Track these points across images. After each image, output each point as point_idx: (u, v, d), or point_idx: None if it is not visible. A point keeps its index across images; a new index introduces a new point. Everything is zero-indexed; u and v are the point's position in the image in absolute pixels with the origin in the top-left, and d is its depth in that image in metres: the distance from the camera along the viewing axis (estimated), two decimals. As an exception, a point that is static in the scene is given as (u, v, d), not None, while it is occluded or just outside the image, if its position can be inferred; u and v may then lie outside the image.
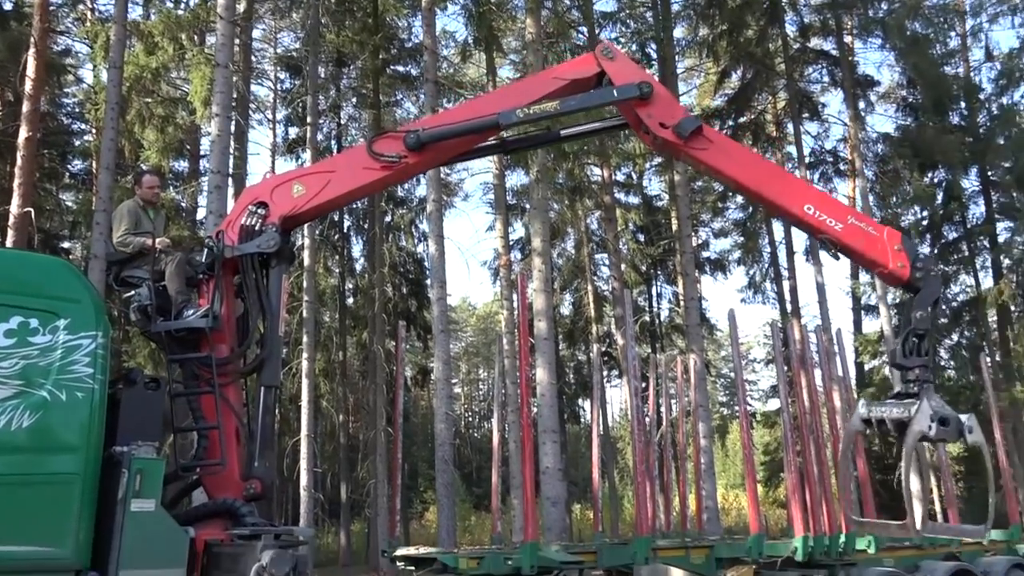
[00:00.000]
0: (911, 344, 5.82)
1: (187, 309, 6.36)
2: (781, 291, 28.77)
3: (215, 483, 6.19)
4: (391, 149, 6.80)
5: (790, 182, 6.77)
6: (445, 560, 7.41)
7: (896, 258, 6.26)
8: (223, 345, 6.49)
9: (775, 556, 8.83)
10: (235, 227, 6.68)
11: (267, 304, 6.57)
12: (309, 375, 18.69)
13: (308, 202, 6.79)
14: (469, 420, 57.52)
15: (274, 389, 6.59)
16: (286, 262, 6.91)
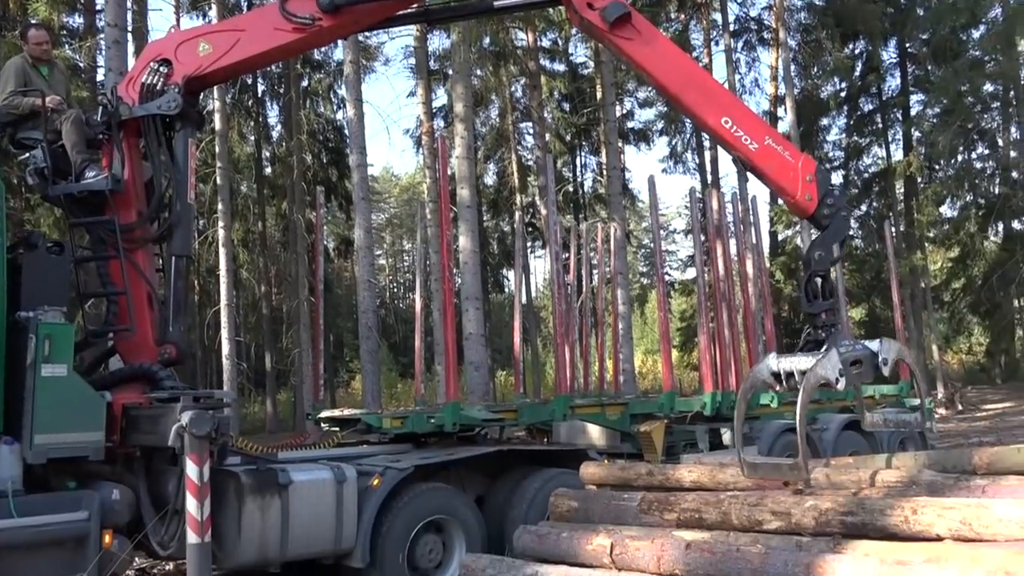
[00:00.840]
0: (814, 287, 5.66)
1: (88, 171, 6.05)
2: (702, 162, 29.16)
3: (129, 348, 6.10)
4: (304, 10, 6.41)
5: (713, 91, 6.41)
6: (369, 420, 7.54)
7: (805, 189, 5.96)
8: (130, 210, 6.24)
9: (686, 411, 9.30)
10: (135, 85, 6.29)
11: (173, 169, 6.30)
12: (226, 244, 18.27)
13: (215, 63, 6.42)
14: (394, 291, 57.73)
15: (185, 258, 6.42)
16: (192, 125, 6.59)
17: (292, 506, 5.69)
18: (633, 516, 5.37)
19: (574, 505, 5.78)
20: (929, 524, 3.95)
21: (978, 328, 33.39)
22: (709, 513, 4.96)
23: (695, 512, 5.03)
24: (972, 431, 18.11)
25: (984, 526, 3.77)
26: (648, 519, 5.26)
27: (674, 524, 5.13)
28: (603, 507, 5.61)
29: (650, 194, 9.68)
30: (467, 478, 7.13)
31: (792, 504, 4.56)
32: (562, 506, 5.87)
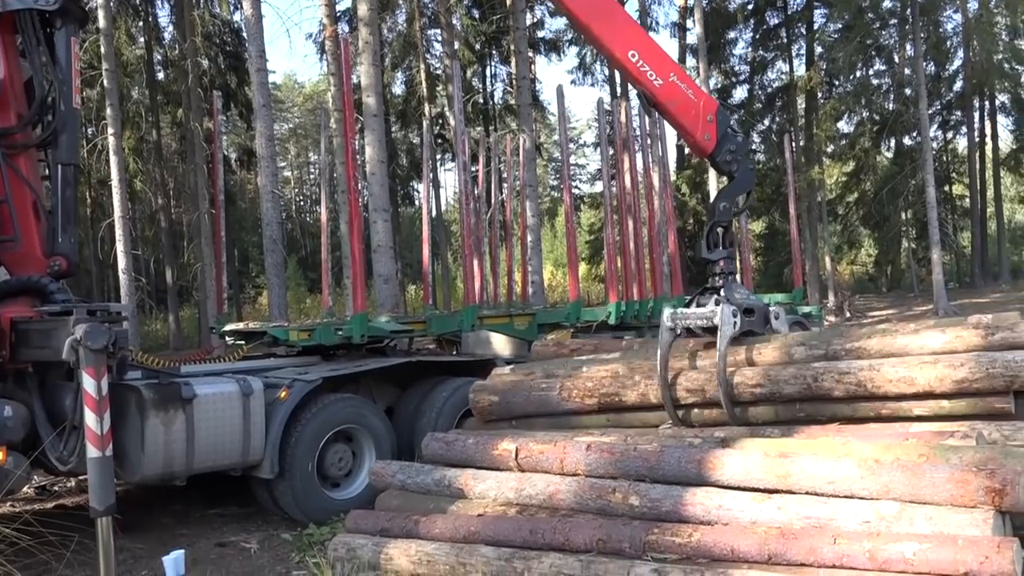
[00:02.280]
0: (715, 236, 5.83)
1: None
2: (611, 74, 29.09)
3: (15, 260, 5.80)
4: None
5: (621, 23, 6.25)
6: (275, 333, 7.47)
7: (705, 128, 6.02)
8: (8, 112, 5.83)
9: (591, 321, 9.55)
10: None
11: (55, 69, 5.88)
12: (117, 152, 17.30)
13: None
14: (301, 204, 56.29)
15: (72, 166, 6.06)
16: (75, 22, 6.14)
17: (197, 419, 5.64)
18: (555, 404, 5.48)
19: (494, 399, 5.87)
20: (830, 389, 4.44)
21: (868, 240, 35.11)
22: (628, 395, 5.18)
23: (615, 395, 5.23)
24: (857, 336, 19.24)
25: (876, 386, 4.24)
26: (570, 405, 5.39)
27: (596, 407, 5.31)
28: (523, 399, 5.72)
29: (558, 105, 9.65)
30: (376, 389, 7.20)
31: (704, 381, 4.90)
32: (482, 401, 5.95)
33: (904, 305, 26.58)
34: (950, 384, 4.06)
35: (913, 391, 4.16)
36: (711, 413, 5.00)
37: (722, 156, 6.07)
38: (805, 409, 4.63)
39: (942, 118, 32.67)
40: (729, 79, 31.42)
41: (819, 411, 4.57)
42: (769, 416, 4.77)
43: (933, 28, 27.25)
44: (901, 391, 4.20)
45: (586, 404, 5.39)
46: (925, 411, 4.21)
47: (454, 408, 7.12)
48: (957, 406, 4.09)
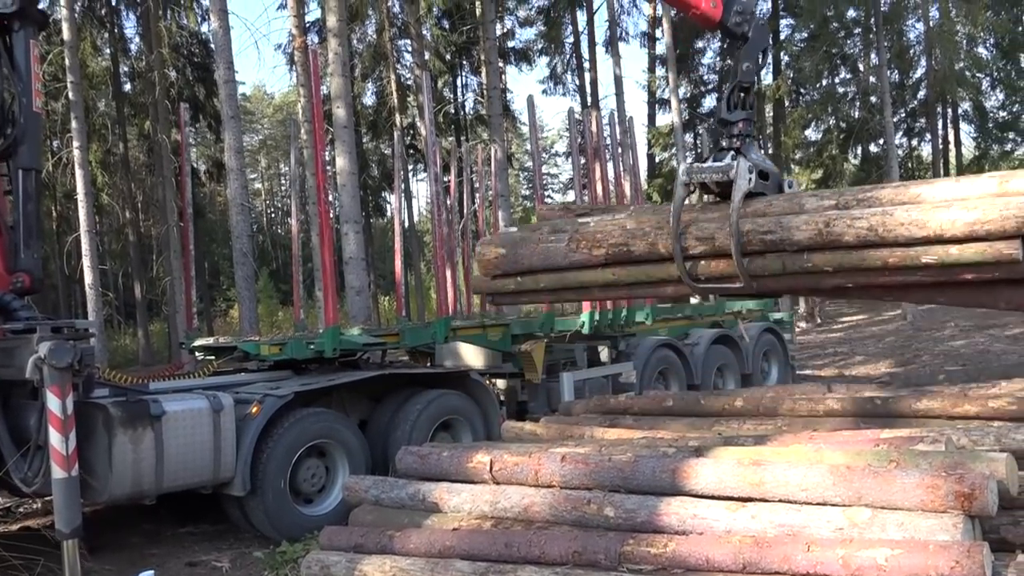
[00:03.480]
0: (736, 98, 5.54)
1: None
2: (582, 83, 29.26)
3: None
4: None
5: None
6: (246, 348, 7.38)
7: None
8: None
9: (565, 331, 9.57)
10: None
11: (14, 74, 5.77)
12: (83, 165, 17.05)
13: None
14: (273, 216, 55.91)
15: (34, 172, 5.94)
16: (34, 25, 6.02)
17: (166, 437, 5.55)
18: (562, 257, 5.25)
19: (501, 252, 5.53)
20: (840, 234, 4.22)
21: (837, 246, 35.50)
22: (636, 246, 4.95)
23: (623, 246, 4.99)
24: (829, 342, 19.47)
25: (888, 230, 4.06)
26: (577, 257, 5.15)
27: (603, 260, 5.06)
28: (530, 251, 5.42)
29: (529, 114, 9.68)
30: (349, 402, 7.14)
31: (715, 229, 4.67)
32: (489, 254, 5.58)
33: (873, 311, 26.92)
34: (961, 227, 3.81)
35: (924, 234, 3.91)
36: (718, 265, 4.73)
37: (732, 19, 5.66)
38: (813, 259, 4.33)
39: (907, 125, 33.24)
40: (698, 88, 31.73)
41: (828, 261, 4.29)
42: (776, 268, 4.48)
43: (896, 37, 27.74)
44: (912, 234, 3.94)
45: (593, 256, 5.13)
46: (932, 259, 3.93)
47: (428, 421, 7.09)
48: (965, 252, 3.83)
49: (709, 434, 5.35)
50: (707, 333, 10.83)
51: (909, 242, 4.01)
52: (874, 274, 4.24)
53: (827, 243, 4.24)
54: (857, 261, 4.22)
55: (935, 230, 3.90)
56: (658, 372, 9.92)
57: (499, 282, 5.72)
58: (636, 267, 5.12)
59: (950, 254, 3.92)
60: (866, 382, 10.98)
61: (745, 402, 5.92)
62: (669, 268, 4.92)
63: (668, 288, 5.23)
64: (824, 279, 4.39)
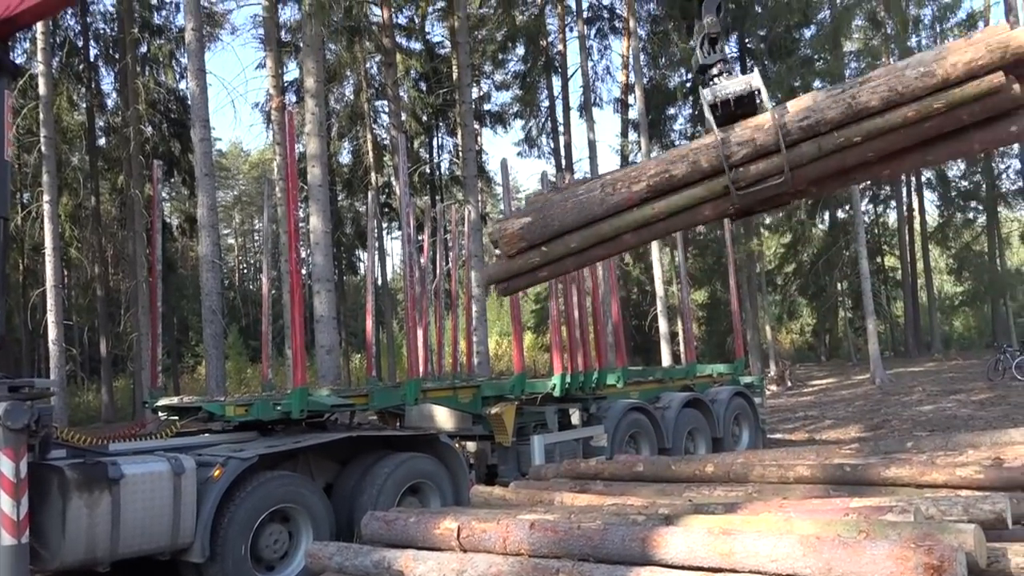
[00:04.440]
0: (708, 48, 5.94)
1: None
2: (557, 146, 29.75)
3: None
4: None
5: None
6: (211, 408, 7.23)
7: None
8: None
9: (536, 393, 9.50)
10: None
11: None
12: (52, 219, 16.92)
13: (20, 4, 5.89)
14: (245, 272, 55.59)
15: (3, 221, 5.85)
16: (8, 75, 6.02)
17: (124, 501, 5.38)
18: (599, 203, 5.15)
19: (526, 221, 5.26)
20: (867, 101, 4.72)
21: (806, 309, 36.00)
22: (677, 169, 5.02)
23: (664, 173, 5.03)
24: (799, 406, 19.54)
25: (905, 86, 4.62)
26: (615, 199, 5.10)
27: (644, 194, 5.05)
28: (561, 209, 5.21)
29: (503, 177, 9.77)
30: (315, 465, 6.99)
31: (753, 131, 4.96)
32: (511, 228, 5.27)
33: (843, 374, 27.16)
34: (961, 68, 4.40)
35: (934, 83, 4.47)
36: (758, 166, 4.99)
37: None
38: (845, 133, 4.78)
39: (872, 192, 34.10)
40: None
41: (857, 132, 4.79)
42: (813, 152, 4.89)
43: (861, 108, 28.64)
44: (926, 85, 4.51)
45: (633, 192, 5.12)
46: (943, 103, 4.49)
47: (396, 484, 6.95)
48: (967, 91, 4.44)
49: (680, 501, 5.29)
50: (678, 396, 10.81)
51: (924, 93, 4.62)
52: (894, 136, 4.77)
53: (856, 114, 4.74)
54: (882, 124, 4.73)
55: (942, 77, 4.53)
56: (629, 435, 9.85)
57: (520, 260, 5.47)
58: (676, 194, 5.18)
59: (955, 95, 4.52)
60: (835, 445, 10.98)
61: (716, 468, 5.88)
62: (711, 185, 5.07)
63: (706, 210, 5.31)
64: (851, 153, 4.88)
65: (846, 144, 4.87)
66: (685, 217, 5.44)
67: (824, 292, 31.49)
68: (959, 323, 41.85)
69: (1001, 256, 32.76)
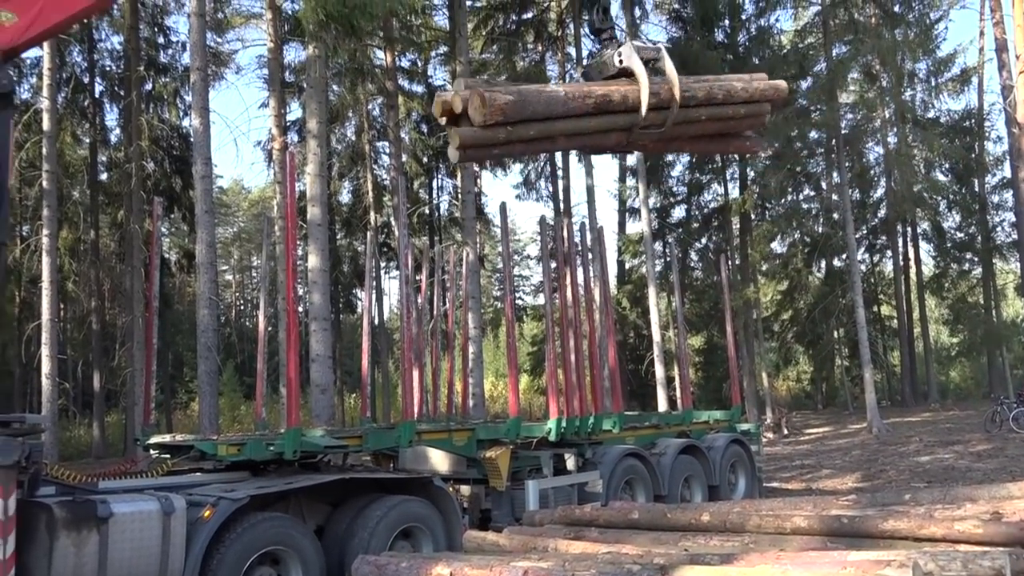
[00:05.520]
0: (600, 16, 8.10)
1: None
2: (555, 190, 29.94)
3: None
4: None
5: None
6: (203, 447, 7.16)
7: None
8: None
9: (531, 437, 9.42)
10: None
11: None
12: (51, 252, 16.94)
13: (24, 33, 6.00)
14: (242, 309, 55.50)
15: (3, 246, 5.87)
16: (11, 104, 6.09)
17: (112, 541, 5.30)
18: (561, 104, 6.73)
19: (510, 99, 6.36)
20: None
21: (803, 357, 35.96)
22: (615, 96, 6.87)
23: (605, 96, 6.82)
24: (796, 454, 19.40)
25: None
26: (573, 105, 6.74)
27: (591, 107, 6.75)
28: (537, 98, 6.57)
29: (502, 220, 9.82)
30: (307, 507, 6.91)
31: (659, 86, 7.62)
32: (500, 100, 6.29)
33: (840, 423, 27.04)
34: (755, 91, 7.68)
35: (747, 95, 7.63)
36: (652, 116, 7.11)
37: None
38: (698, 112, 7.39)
39: (868, 242, 34.30)
40: (668, 199, 32.61)
41: (703, 112, 7.50)
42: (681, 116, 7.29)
43: (857, 158, 28.97)
44: (743, 94, 7.59)
45: (585, 103, 6.75)
46: (744, 109, 7.70)
47: (388, 528, 6.86)
48: (753, 109, 7.83)
49: (675, 550, 5.22)
50: (674, 443, 10.74)
51: (741, 100, 7.51)
52: (714, 123, 7.60)
53: (708, 99, 7.34)
54: (717, 111, 7.44)
55: (751, 91, 7.52)
56: (625, 481, 9.75)
57: (490, 132, 6.51)
58: (605, 117, 7.00)
59: (751, 108, 7.59)
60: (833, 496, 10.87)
61: (712, 517, 5.82)
62: (624, 118, 7.07)
63: (613, 137, 7.35)
64: (694, 126, 7.54)
65: (695, 118, 7.39)
66: (599, 138, 7.40)
67: (821, 340, 31.47)
68: (955, 373, 41.81)
69: (997, 307, 32.85)
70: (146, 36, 25.22)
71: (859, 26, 24.73)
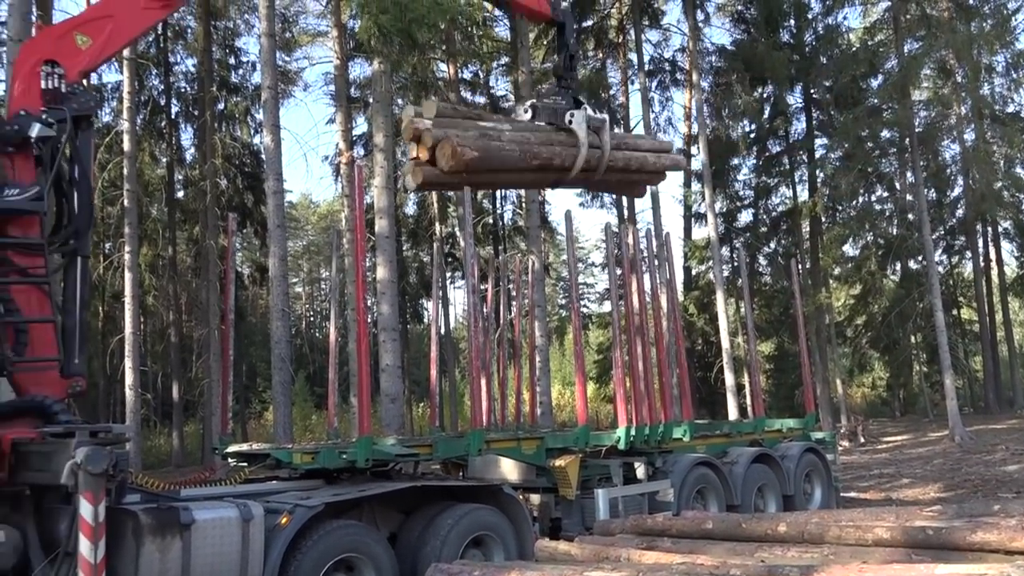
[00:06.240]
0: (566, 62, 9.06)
1: (8, 188, 5.68)
2: (620, 199, 29.75)
3: (33, 381, 5.71)
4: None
5: None
6: (279, 455, 7.33)
7: (543, 2, 9.01)
8: (38, 227, 5.94)
9: (600, 445, 9.36)
10: (33, 93, 5.97)
11: (83, 170, 6.11)
12: (132, 268, 17.60)
13: (100, 54, 6.40)
14: (311, 320, 56.65)
15: (84, 259, 6.15)
16: (92, 126, 6.40)
17: (194, 546, 5.45)
18: (514, 162, 8.15)
19: (475, 155, 7.75)
20: None
21: (878, 363, 34.86)
22: (556, 160, 8.66)
23: (549, 158, 8.50)
24: (873, 463, 18.82)
25: None
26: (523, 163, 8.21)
27: (535, 166, 8.30)
28: (497, 154, 8.03)
29: (567, 228, 9.80)
30: (380, 514, 6.99)
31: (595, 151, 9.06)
32: (467, 156, 7.69)
33: (919, 431, 26.12)
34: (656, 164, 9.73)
35: (662, 148, 10.38)
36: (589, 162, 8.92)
37: (555, 11, 9.07)
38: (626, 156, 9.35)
39: (946, 243, 33.08)
40: (734, 203, 32.06)
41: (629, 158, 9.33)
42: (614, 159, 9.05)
43: (932, 157, 28.01)
44: (654, 147, 10.17)
45: (531, 163, 8.23)
46: (654, 165, 9.91)
47: (459, 536, 6.89)
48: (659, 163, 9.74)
49: (751, 561, 5.11)
50: (747, 451, 10.53)
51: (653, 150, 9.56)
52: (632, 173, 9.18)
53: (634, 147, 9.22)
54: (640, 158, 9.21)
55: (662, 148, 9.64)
56: (696, 491, 9.60)
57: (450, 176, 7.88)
58: (544, 172, 8.55)
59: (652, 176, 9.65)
60: (916, 506, 10.49)
61: (789, 527, 5.68)
62: (559, 174, 8.71)
63: (544, 182, 9.27)
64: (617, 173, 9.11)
65: (609, 178, 9.02)
66: (531, 182, 9.50)
67: (897, 345, 30.46)
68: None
69: (1086, 309, 31.34)
70: (218, 58, 26.07)
71: (931, 20, 23.93)
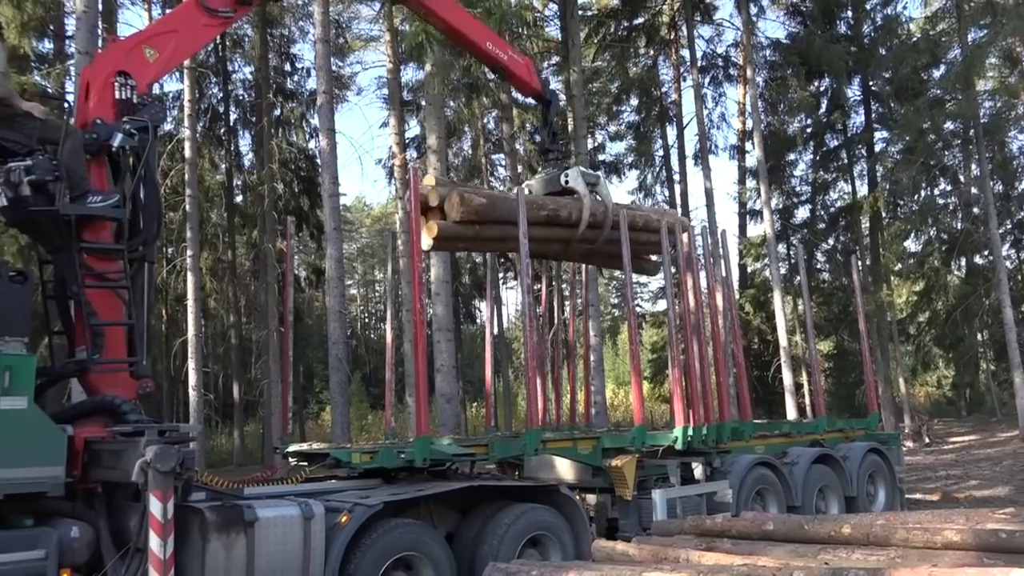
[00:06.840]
0: (550, 137, 9.65)
1: (91, 195, 5.87)
2: (672, 195, 29.48)
3: (107, 382, 5.90)
4: (224, 4, 7.03)
5: (479, 26, 9.27)
6: (338, 455, 7.44)
7: (535, 79, 9.61)
8: (121, 232, 6.14)
9: (657, 445, 9.28)
10: (107, 103, 6.17)
11: (152, 180, 6.33)
12: (194, 272, 18.05)
13: (166, 66, 6.76)
14: (366, 321, 57.38)
15: (151, 265, 6.34)
16: (156, 135, 6.59)
17: (258, 544, 5.57)
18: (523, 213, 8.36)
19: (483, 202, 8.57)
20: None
21: (943, 361, 33.84)
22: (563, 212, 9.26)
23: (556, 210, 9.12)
24: (939, 464, 18.30)
25: None
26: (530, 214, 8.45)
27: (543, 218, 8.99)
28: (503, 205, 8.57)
29: (621, 227, 9.73)
30: (437, 514, 7.05)
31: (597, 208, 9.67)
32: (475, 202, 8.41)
33: (987, 431, 25.31)
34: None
35: (656, 224, 10.06)
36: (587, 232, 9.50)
37: (544, 88, 9.74)
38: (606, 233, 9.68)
39: (1014, 237, 31.94)
40: (791, 199, 31.43)
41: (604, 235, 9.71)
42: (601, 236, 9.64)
43: (998, 148, 27.09)
44: (647, 221, 10.45)
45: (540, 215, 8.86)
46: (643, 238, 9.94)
47: (516, 536, 6.91)
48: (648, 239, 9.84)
49: (815, 563, 5.02)
50: (807, 452, 10.33)
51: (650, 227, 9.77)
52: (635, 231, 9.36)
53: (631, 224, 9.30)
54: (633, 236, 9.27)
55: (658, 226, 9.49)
56: (755, 492, 9.44)
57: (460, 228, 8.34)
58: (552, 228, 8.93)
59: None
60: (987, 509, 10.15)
61: (853, 529, 5.56)
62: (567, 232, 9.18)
63: (554, 247, 9.47)
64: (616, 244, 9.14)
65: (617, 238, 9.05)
66: (543, 246, 9.12)
67: (963, 343, 29.48)
68: (1120, 377, 38.28)
69: None
70: (274, 65, 26.57)
71: (997, 7, 23.14)
